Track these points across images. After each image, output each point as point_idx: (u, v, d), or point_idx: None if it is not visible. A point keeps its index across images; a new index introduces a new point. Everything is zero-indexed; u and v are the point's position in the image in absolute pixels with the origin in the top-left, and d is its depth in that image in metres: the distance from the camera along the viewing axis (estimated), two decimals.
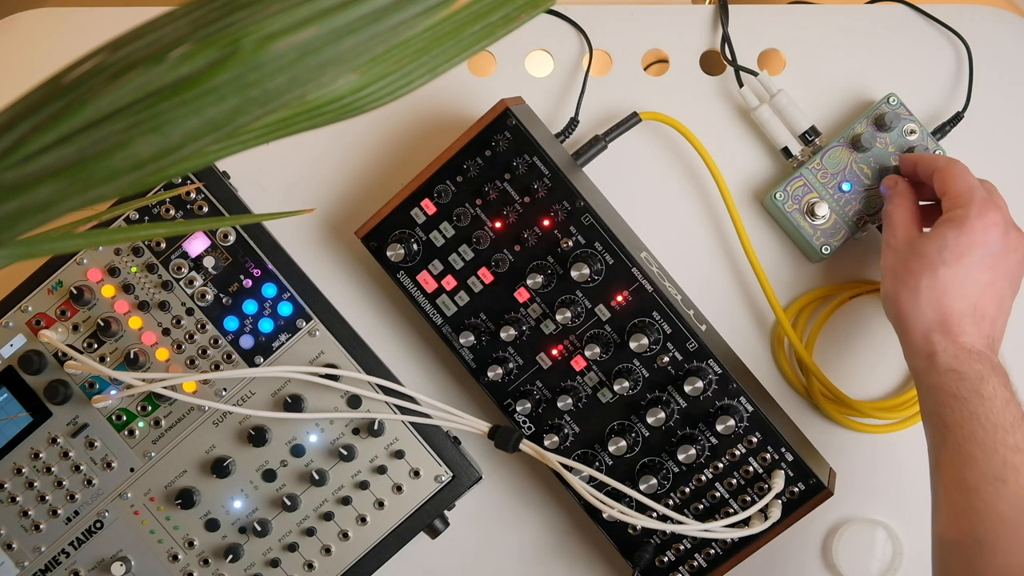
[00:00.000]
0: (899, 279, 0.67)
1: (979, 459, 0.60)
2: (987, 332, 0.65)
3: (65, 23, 0.82)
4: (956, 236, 0.65)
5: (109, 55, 0.28)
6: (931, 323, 0.65)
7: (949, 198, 0.67)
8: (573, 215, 0.70)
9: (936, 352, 0.64)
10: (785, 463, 0.70)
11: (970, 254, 0.64)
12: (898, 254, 0.68)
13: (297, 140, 0.68)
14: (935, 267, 0.65)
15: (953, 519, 0.61)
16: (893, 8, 0.80)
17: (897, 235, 0.69)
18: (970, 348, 0.64)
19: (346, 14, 0.28)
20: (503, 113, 0.70)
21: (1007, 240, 0.65)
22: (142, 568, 0.74)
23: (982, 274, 0.65)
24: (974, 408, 0.61)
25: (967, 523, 0.60)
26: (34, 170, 0.28)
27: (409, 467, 0.74)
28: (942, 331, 0.64)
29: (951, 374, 0.63)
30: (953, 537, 0.61)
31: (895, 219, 0.70)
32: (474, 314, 0.73)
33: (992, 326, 0.65)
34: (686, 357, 0.71)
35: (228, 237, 0.73)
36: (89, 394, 0.74)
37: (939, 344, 0.64)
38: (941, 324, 0.64)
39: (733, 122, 0.80)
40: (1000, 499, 0.59)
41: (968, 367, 0.63)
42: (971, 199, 0.66)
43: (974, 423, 0.61)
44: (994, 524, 0.58)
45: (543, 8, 0.33)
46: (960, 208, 0.66)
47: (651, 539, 0.73)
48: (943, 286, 0.64)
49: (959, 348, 0.64)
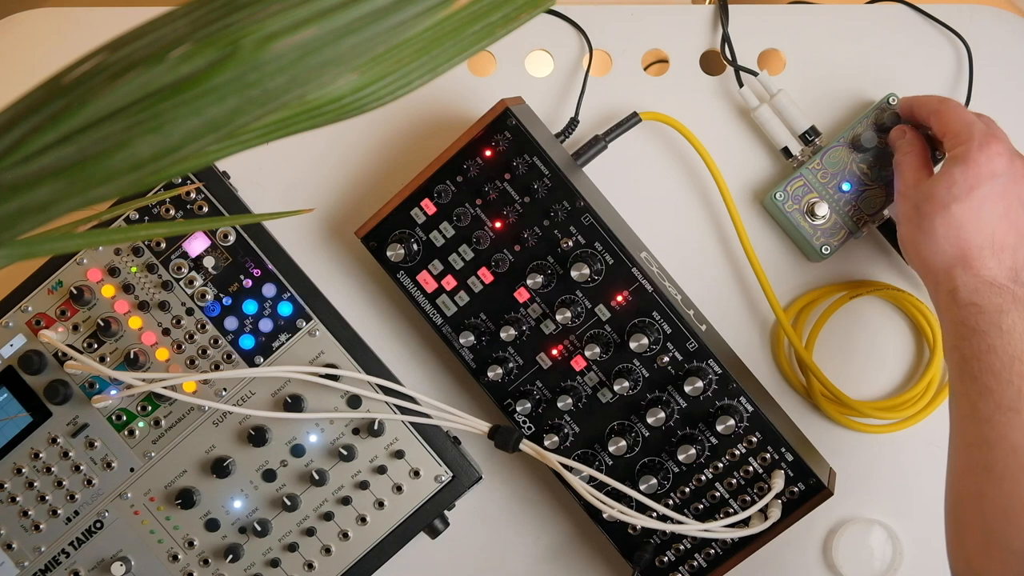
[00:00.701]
0: (914, 223, 0.67)
1: (994, 390, 0.60)
2: (1009, 263, 0.64)
3: (65, 23, 0.82)
4: (963, 171, 0.65)
5: (109, 55, 0.28)
6: (951, 259, 0.65)
7: (950, 137, 0.68)
8: (573, 215, 0.70)
9: (957, 287, 0.64)
10: (785, 463, 0.70)
11: (980, 187, 0.64)
12: (909, 200, 0.68)
13: (297, 140, 0.68)
14: (947, 205, 0.65)
15: (964, 448, 0.61)
16: (893, 8, 0.80)
17: (907, 181, 0.69)
18: (991, 281, 0.63)
19: (346, 14, 0.28)
20: (503, 113, 0.70)
21: (1014, 168, 0.65)
22: (142, 568, 0.74)
23: (995, 205, 0.64)
24: (992, 340, 0.61)
25: (977, 452, 0.60)
26: (34, 170, 0.28)
27: (409, 467, 0.74)
28: (963, 266, 0.64)
29: (971, 307, 0.63)
30: (962, 466, 0.61)
31: (903, 167, 0.70)
32: (474, 314, 0.73)
33: (1013, 256, 0.65)
34: (686, 357, 0.71)
35: (228, 237, 0.73)
36: (89, 394, 0.74)
37: (960, 278, 0.64)
38: (961, 259, 0.64)
39: (733, 122, 0.80)
40: (1012, 428, 0.59)
41: (988, 300, 0.63)
42: (971, 134, 0.66)
43: (991, 355, 0.61)
44: (1004, 452, 0.58)
45: (543, 8, 0.33)
46: (962, 145, 0.66)
47: (651, 539, 0.73)
48: (958, 222, 0.65)
49: (980, 281, 0.63)
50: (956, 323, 0.64)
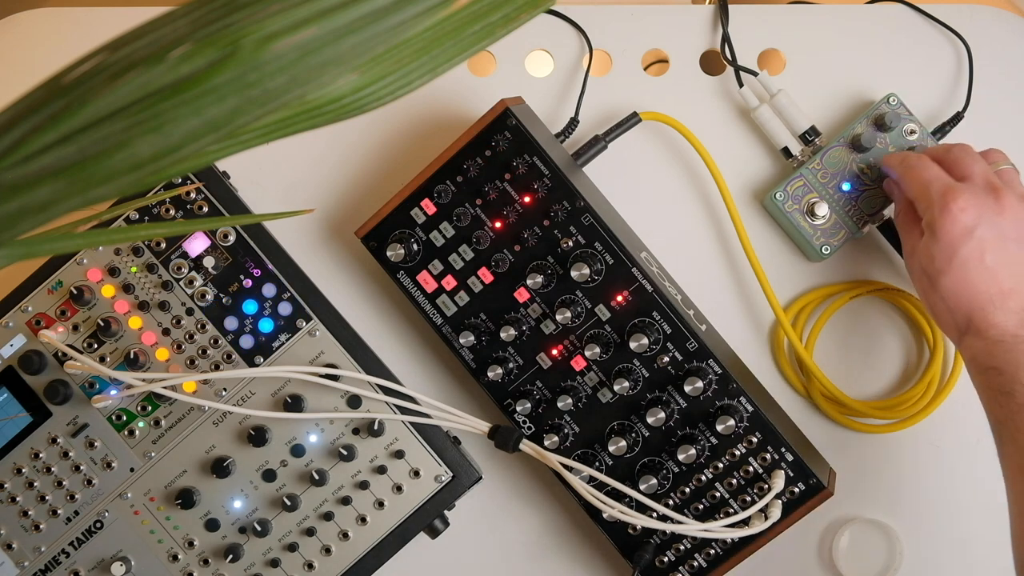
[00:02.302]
0: (921, 296, 0.68)
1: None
2: (1016, 307, 0.63)
3: (65, 23, 0.82)
4: (935, 244, 0.64)
5: (109, 55, 0.28)
6: (961, 327, 0.65)
7: (916, 205, 0.68)
8: (573, 215, 0.70)
9: (975, 355, 0.64)
10: (785, 463, 0.70)
11: (957, 251, 0.64)
12: (912, 272, 0.69)
13: (297, 140, 0.68)
14: (936, 279, 0.65)
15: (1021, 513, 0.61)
16: (893, 8, 0.80)
17: (906, 249, 0.70)
18: (1000, 340, 0.63)
19: (346, 14, 0.28)
20: (503, 113, 0.70)
21: (984, 212, 0.64)
22: (142, 568, 0.74)
23: (981, 261, 0.63)
24: (1020, 399, 0.61)
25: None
26: (34, 170, 0.28)
27: (409, 467, 0.74)
28: (972, 332, 0.64)
29: (991, 372, 0.63)
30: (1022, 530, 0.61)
31: (900, 230, 0.71)
32: (474, 314, 0.73)
33: (1022, 297, 0.64)
34: (686, 357, 0.70)
35: (228, 237, 0.73)
36: (89, 394, 0.74)
37: (974, 345, 0.64)
38: (968, 326, 0.64)
39: (733, 122, 0.80)
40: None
41: (1004, 360, 0.62)
42: (929, 200, 0.65)
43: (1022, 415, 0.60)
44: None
45: (543, 8, 0.33)
46: (927, 211, 0.66)
47: (651, 539, 0.73)
48: (952, 292, 0.64)
49: (990, 344, 0.63)
50: (983, 388, 0.64)
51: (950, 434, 0.79)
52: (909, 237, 0.69)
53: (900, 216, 0.71)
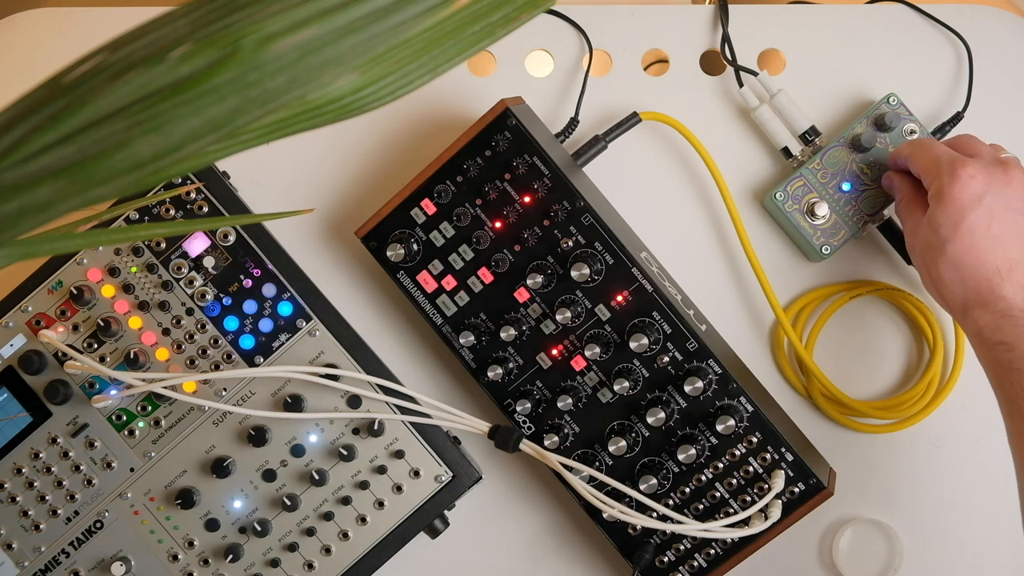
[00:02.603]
0: (924, 272, 0.67)
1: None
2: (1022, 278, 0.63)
3: (65, 23, 0.82)
4: (943, 210, 0.65)
5: (109, 55, 0.28)
6: (967, 301, 0.64)
7: (924, 178, 0.68)
8: (573, 215, 0.70)
9: (981, 329, 0.63)
10: (785, 463, 0.70)
11: (965, 218, 0.64)
12: (914, 249, 0.68)
13: (297, 140, 0.68)
14: (942, 248, 0.64)
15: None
16: (893, 8, 0.80)
17: (907, 229, 0.70)
18: (1009, 313, 0.62)
19: (346, 14, 0.28)
20: (503, 113, 0.70)
21: (993, 180, 0.64)
22: (142, 568, 0.74)
23: (988, 229, 0.63)
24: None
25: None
26: (34, 170, 0.28)
27: (409, 467, 0.74)
28: (979, 305, 0.63)
29: (1000, 347, 0.62)
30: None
31: (900, 214, 0.71)
32: (474, 314, 0.73)
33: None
34: (686, 357, 0.71)
35: (228, 237, 0.73)
36: (89, 394, 0.74)
37: (981, 319, 0.63)
38: (976, 298, 0.64)
39: (733, 122, 0.80)
40: None
41: (1013, 334, 0.62)
42: (938, 169, 0.66)
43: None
44: None
45: (543, 8, 0.33)
46: (934, 182, 0.66)
47: (651, 539, 0.73)
48: (958, 261, 0.64)
49: (999, 317, 0.62)
50: (991, 364, 0.63)
51: (950, 434, 0.80)
52: (911, 218, 0.69)
53: (902, 203, 0.71)
